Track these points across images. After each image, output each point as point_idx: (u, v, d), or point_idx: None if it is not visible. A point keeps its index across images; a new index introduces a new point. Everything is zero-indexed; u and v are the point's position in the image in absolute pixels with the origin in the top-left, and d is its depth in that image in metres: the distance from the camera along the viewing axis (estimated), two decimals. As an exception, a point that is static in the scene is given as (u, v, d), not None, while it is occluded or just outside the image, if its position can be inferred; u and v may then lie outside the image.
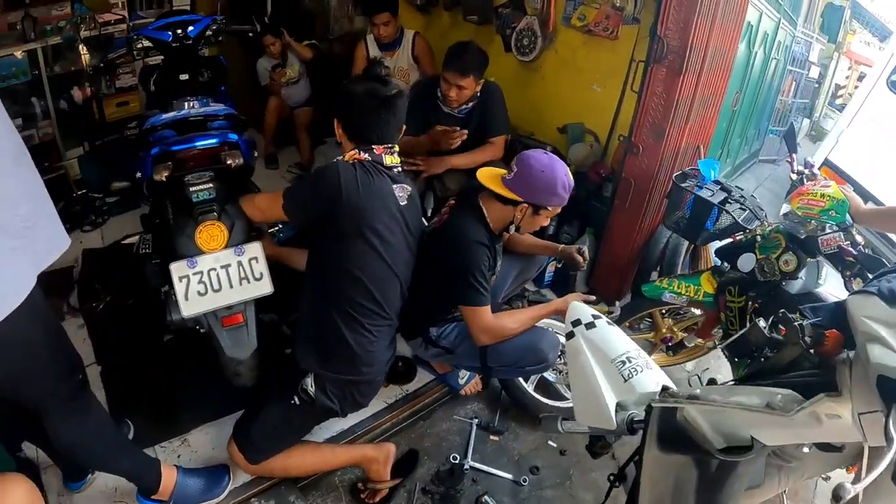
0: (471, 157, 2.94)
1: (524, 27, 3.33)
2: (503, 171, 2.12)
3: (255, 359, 2.09)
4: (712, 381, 1.45)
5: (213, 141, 1.90)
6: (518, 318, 2.14)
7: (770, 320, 1.34)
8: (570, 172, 2.08)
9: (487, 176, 2.12)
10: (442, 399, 2.59)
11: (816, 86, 7.94)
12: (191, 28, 2.73)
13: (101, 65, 3.47)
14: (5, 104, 3.76)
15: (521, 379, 2.46)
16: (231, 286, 1.86)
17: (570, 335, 1.64)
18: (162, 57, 2.78)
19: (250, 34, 3.33)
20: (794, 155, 2.65)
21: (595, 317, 1.66)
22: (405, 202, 1.94)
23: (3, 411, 1.70)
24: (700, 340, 2.66)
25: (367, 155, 1.87)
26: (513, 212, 2.08)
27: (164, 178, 1.84)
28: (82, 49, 3.69)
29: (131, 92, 4.04)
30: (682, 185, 2.52)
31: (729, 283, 2.34)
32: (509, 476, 2.29)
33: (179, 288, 1.81)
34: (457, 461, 2.23)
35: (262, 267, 1.88)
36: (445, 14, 4.06)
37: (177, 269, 1.81)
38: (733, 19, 2.70)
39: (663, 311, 2.75)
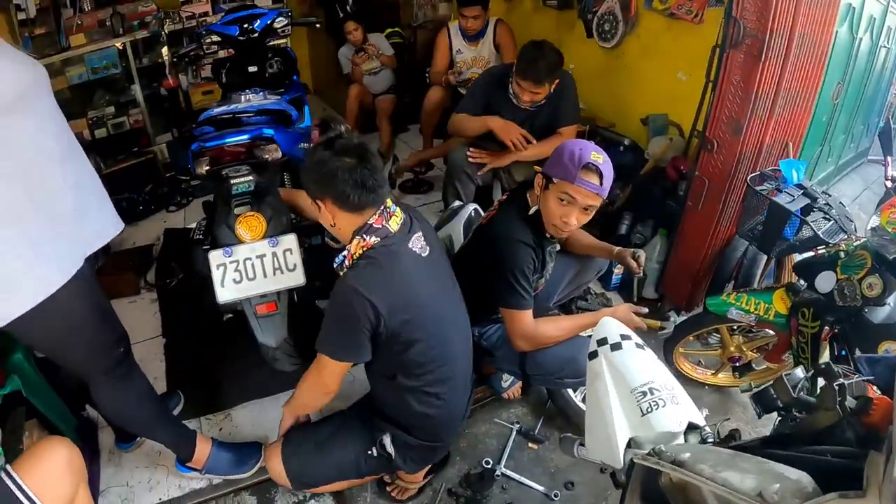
0: (538, 149, 2.83)
1: (605, 11, 3.21)
2: None
3: (290, 346, 2.18)
4: (732, 435, 1.19)
5: (244, 137, 1.98)
6: (561, 325, 2.02)
7: (811, 371, 1.13)
8: (595, 154, 1.82)
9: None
10: (484, 400, 2.51)
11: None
12: (257, 22, 2.85)
13: (175, 59, 3.69)
14: (99, 93, 4.09)
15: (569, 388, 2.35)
16: (265, 275, 1.94)
17: (593, 355, 1.45)
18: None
19: (317, 25, 3.42)
20: (889, 158, 2.34)
21: (624, 337, 1.46)
22: (426, 252, 1.70)
23: (69, 376, 1.90)
24: (770, 364, 2.38)
25: (372, 238, 1.59)
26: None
27: (204, 172, 1.95)
28: (164, 40, 3.92)
29: (214, 82, 4.27)
30: (758, 188, 2.23)
31: (803, 304, 2.04)
32: (541, 488, 2.15)
33: (216, 275, 1.91)
34: (489, 466, 2.18)
35: (295, 258, 1.94)
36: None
37: (214, 257, 1.91)
38: (825, 1, 2.35)
39: (733, 328, 2.48)
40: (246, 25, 2.84)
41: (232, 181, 1.95)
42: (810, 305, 2.01)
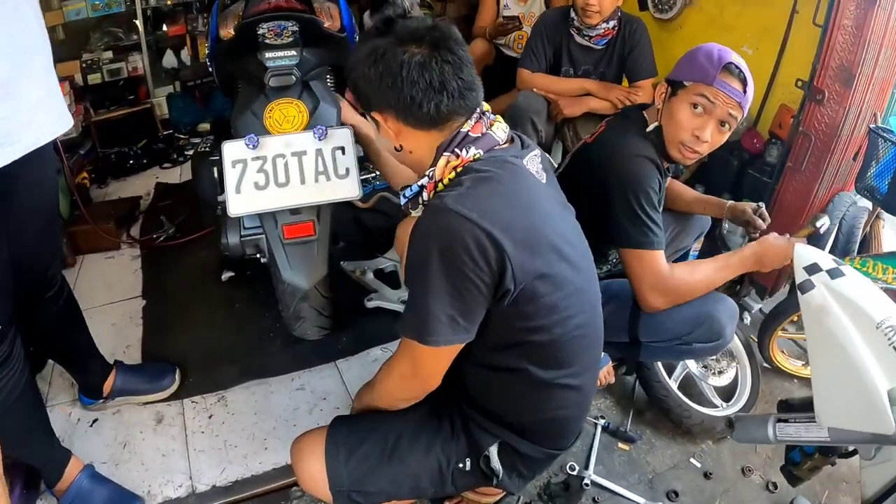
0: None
1: None
2: None
3: (325, 297, 1.61)
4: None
5: None
6: (704, 270, 1.54)
7: None
8: (735, 55, 1.52)
9: None
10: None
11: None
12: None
13: None
14: (97, 34, 3.63)
15: (662, 371, 1.89)
16: (303, 182, 1.37)
17: (804, 286, 1.16)
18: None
19: None
20: None
21: (838, 262, 1.18)
22: (544, 176, 1.18)
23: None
24: None
25: (472, 150, 1.09)
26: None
27: (231, 33, 1.39)
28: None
29: (228, 31, 3.88)
30: (885, 135, 2.01)
31: None
32: (640, 500, 1.70)
33: (231, 176, 1.34)
34: (574, 472, 1.69)
35: (349, 160, 1.37)
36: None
37: (231, 150, 1.34)
38: None
39: None
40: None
41: (267, 52, 1.40)
42: None
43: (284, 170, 1.36)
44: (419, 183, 1.14)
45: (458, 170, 1.09)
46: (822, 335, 1.10)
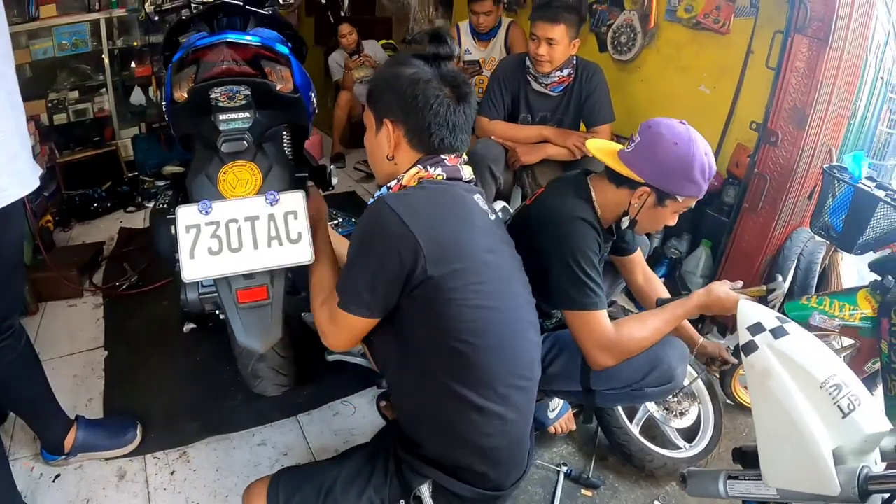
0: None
1: (622, 23, 3.03)
2: (620, 145, 1.60)
3: (282, 356, 1.60)
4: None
5: (252, 38, 1.44)
6: (649, 324, 1.53)
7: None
8: (712, 154, 1.51)
9: (599, 147, 1.61)
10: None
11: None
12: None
13: (156, 16, 3.23)
14: (64, 74, 3.62)
15: (623, 416, 1.89)
16: (255, 247, 1.37)
17: (747, 347, 1.16)
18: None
19: (323, 0, 2.99)
20: None
21: (782, 319, 1.18)
22: (493, 216, 1.31)
23: None
24: None
25: (438, 170, 1.24)
26: (629, 197, 1.53)
27: (184, 96, 1.39)
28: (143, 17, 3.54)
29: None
30: (838, 175, 2.07)
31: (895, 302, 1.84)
32: None
33: (184, 242, 1.34)
34: None
35: (301, 225, 1.38)
36: (534, 13, 3.79)
37: (184, 215, 1.34)
38: None
39: None
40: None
41: (221, 115, 1.41)
42: None
43: (237, 235, 1.36)
44: (388, 185, 1.26)
45: (421, 180, 1.22)
46: (766, 398, 1.10)
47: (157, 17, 2.58)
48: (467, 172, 1.29)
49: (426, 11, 4.61)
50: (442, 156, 1.25)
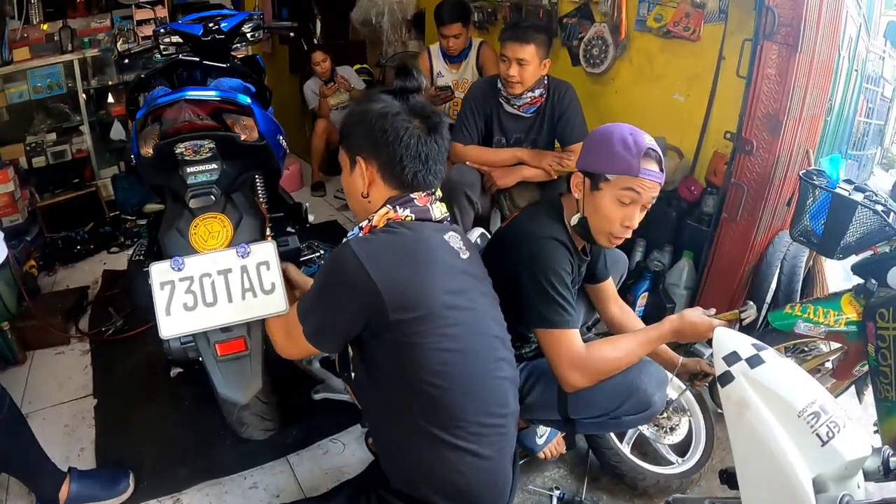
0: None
1: (593, 36, 3.03)
2: None
3: (265, 402, 1.61)
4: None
5: (212, 93, 1.46)
6: (622, 345, 1.54)
7: None
8: (647, 138, 1.49)
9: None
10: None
11: (889, 105, 7.04)
12: (224, 22, 2.39)
13: (125, 60, 3.25)
14: (40, 117, 3.66)
15: (613, 436, 1.89)
16: (230, 300, 1.38)
17: (723, 378, 1.19)
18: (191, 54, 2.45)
19: (291, 34, 3.00)
20: None
21: (759, 347, 1.19)
22: (467, 254, 1.32)
23: None
24: (837, 381, 2.09)
25: (407, 211, 1.26)
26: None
27: (150, 152, 1.41)
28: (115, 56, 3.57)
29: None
30: (814, 182, 2.05)
31: (880, 304, 1.83)
32: None
33: (160, 298, 1.35)
34: None
35: (274, 276, 1.39)
36: (506, 30, 3.80)
37: (158, 272, 1.35)
38: None
39: (787, 348, 2.19)
40: (212, 25, 2.36)
41: (188, 168, 1.42)
42: (889, 305, 1.82)
43: (211, 289, 1.37)
44: (360, 224, 1.28)
45: (389, 222, 1.24)
46: (744, 430, 1.11)
47: (126, 60, 2.60)
48: (438, 212, 1.31)
49: (399, 34, 4.63)
50: (412, 195, 1.27)
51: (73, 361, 2.51)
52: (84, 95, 3.59)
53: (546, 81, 2.56)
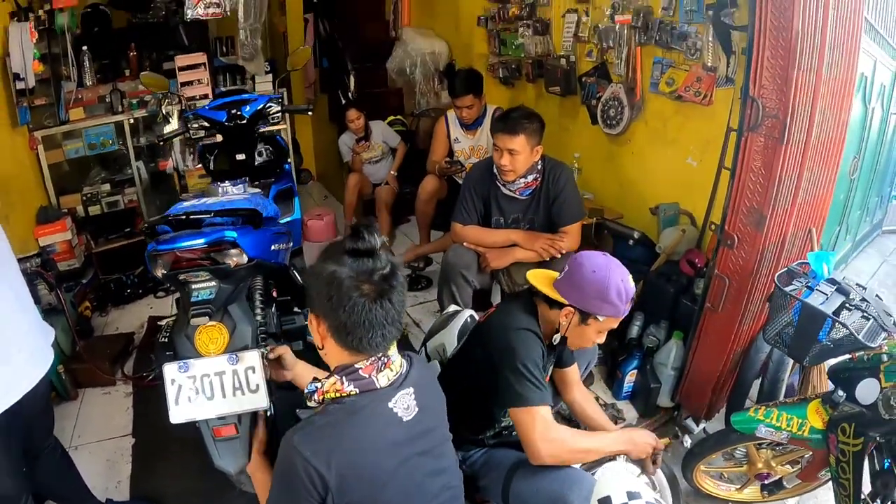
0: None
1: (610, 96, 3.10)
2: (556, 273, 1.87)
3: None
4: None
5: (200, 241, 1.81)
6: (584, 441, 1.77)
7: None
8: (631, 280, 1.76)
9: (538, 276, 1.88)
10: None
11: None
12: (246, 108, 2.75)
13: (161, 143, 3.63)
14: (96, 169, 4.07)
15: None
16: (224, 396, 1.74)
17: None
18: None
19: (309, 113, 3.36)
20: None
21: (632, 495, 1.33)
22: (412, 414, 1.38)
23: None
24: (804, 482, 2.13)
25: (351, 386, 1.32)
26: (559, 316, 1.81)
27: (160, 275, 1.79)
28: (161, 120, 3.91)
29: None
30: (786, 288, 1.99)
31: (843, 419, 1.78)
32: None
33: (170, 391, 1.72)
34: None
35: (258, 378, 1.74)
36: (530, 86, 3.94)
37: (169, 371, 1.73)
38: (844, 71, 2.13)
39: (760, 443, 2.20)
40: (234, 111, 2.73)
41: (192, 287, 1.79)
42: (851, 420, 1.76)
43: (209, 386, 1.73)
44: (316, 385, 1.36)
45: (336, 395, 1.33)
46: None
47: (162, 142, 3.00)
48: (384, 379, 1.35)
49: (431, 85, 4.86)
50: (357, 364, 1.33)
51: (117, 402, 2.91)
52: (133, 152, 3.97)
53: (540, 165, 2.67)
